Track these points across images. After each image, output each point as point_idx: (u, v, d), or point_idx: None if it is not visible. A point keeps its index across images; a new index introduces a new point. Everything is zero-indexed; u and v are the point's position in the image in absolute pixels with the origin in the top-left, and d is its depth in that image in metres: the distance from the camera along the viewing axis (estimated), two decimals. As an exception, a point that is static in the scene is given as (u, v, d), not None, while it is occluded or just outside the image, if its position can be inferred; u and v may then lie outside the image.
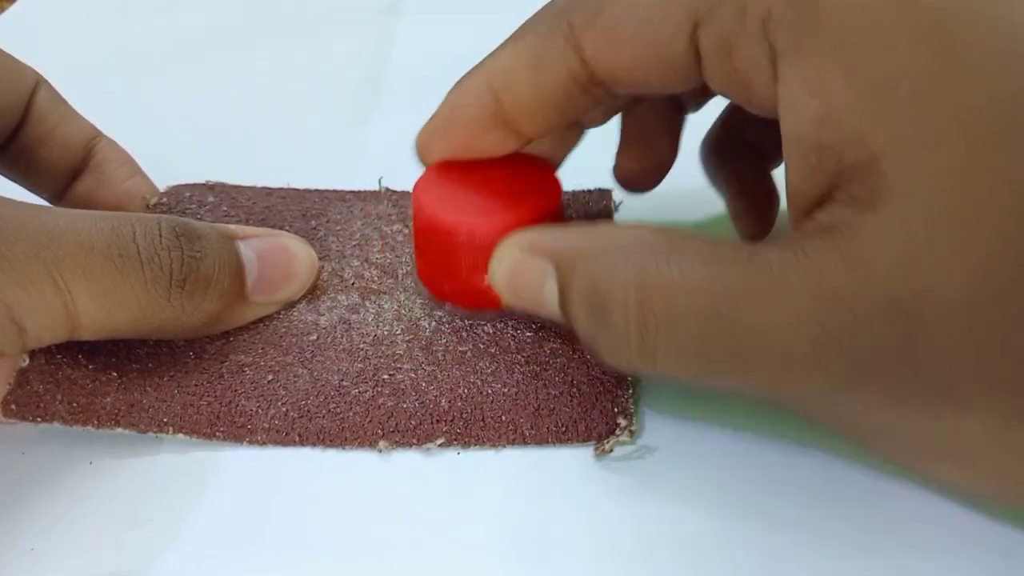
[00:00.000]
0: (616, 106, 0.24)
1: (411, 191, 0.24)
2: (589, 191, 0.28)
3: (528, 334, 0.24)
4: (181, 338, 0.24)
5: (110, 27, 0.45)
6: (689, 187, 0.26)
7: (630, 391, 0.22)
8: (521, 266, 0.20)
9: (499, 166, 0.23)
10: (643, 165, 0.26)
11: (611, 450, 0.21)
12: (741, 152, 0.26)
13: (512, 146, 0.23)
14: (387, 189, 0.29)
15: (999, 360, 0.15)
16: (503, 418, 0.22)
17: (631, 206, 0.28)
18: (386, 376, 0.23)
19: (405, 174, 0.26)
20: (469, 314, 0.24)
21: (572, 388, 0.22)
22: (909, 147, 0.15)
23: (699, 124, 0.26)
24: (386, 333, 0.24)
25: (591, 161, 0.26)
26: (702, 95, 0.25)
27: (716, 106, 0.25)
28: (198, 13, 0.45)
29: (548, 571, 0.19)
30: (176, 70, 0.41)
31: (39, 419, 0.22)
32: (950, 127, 0.15)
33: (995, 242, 0.15)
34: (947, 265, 0.15)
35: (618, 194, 0.28)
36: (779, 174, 0.25)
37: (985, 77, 0.15)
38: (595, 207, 0.28)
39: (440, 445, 0.21)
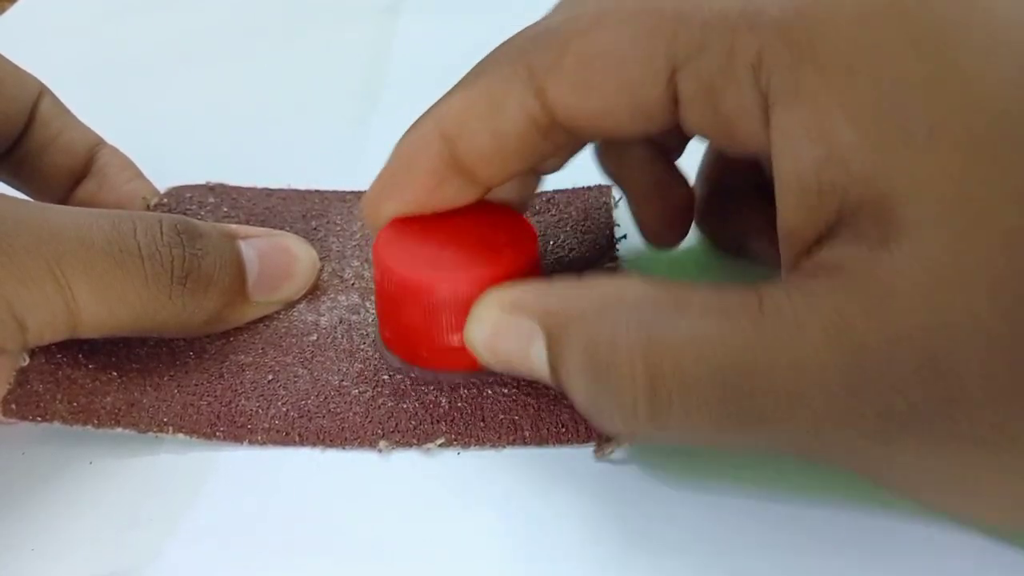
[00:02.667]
0: (578, 148, 0.23)
1: None
2: (588, 188, 0.28)
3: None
4: (182, 336, 0.24)
5: (110, 27, 0.45)
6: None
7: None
8: (503, 327, 0.19)
9: (459, 216, 0.21)
10: (665, 216, 0.25)
11: (611, 451, 0.21)
12: (748, 199, 0.24)
13: (471, 196, 0.21)
14: (387, 189, 0.29)
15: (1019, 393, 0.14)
16: (503, 418, 0.22)
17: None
18: (386, 376, 0.23)
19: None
20: (447, 377, 0.22)
21: (572, 388, 0.22)
22: (923, 185, 0.15)
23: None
24: (386, 333, 0.24)
25: (590, 160, 0.26)
26: (680, 138, 0.24)
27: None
28: (197, 14, 0.46)
29: (548, 571, 0.19)
30: (176, 70, 0.41)
31: (39, 419, 0.21)
32: (965, 164, 0.14)
33: (1020, 276, 0.14)
34: (969, 301, 0.14)
35: (617, 191, 0.28)
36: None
37: (995, 111, 0.15)
38: (595, 204, 0.28)
39: (440, 445, 0.21)
